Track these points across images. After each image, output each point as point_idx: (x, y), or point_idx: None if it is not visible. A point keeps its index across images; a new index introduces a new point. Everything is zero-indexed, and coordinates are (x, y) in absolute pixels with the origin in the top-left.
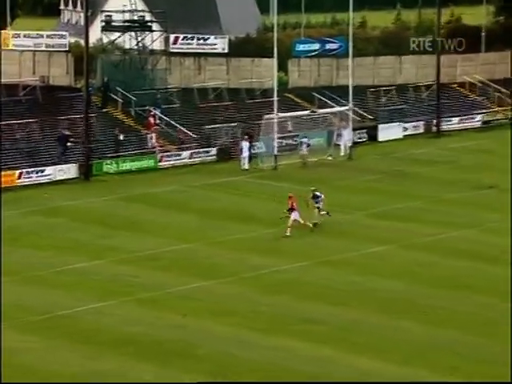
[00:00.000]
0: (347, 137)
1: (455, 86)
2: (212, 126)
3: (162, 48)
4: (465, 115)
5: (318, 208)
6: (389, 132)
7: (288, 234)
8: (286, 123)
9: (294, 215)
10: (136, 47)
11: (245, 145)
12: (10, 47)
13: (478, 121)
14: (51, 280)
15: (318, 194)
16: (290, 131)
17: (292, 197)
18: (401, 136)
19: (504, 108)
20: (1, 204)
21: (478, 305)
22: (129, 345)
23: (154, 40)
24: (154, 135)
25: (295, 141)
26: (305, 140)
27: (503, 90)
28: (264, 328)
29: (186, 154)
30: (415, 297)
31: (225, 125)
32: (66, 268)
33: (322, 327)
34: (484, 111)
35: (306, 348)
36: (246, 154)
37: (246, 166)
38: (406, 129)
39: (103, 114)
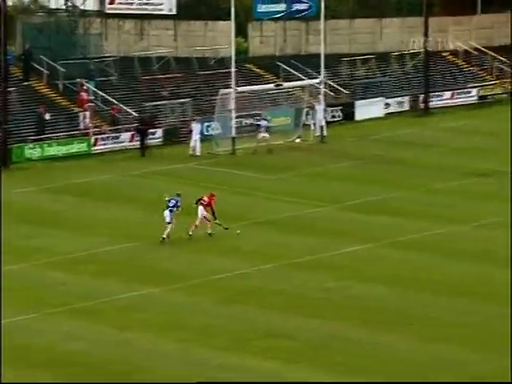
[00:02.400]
0: (319, 115)
1: (446, 54)
2: (157, 102)
3: (96, 8)
4: (457, 89)
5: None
6: (368, 109)
7: (209, 231)
8: (243, 99)
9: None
10: (64, 7)
11: (196, 125)
12: None
13: (472, 96)
14: None
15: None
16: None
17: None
18: (382, 114)
19: (503, 81)
20: None
21: (480, 315)
22: (66, 366)
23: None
24: (87, 114)
25: (257, 120)
26: (263, 123)
27: (503, 59)
28: (222, 345)
29: (125, 136)
30: (404, 306)
31: (172, 101)
32: None
33: (291, 343)
34: (480, 84)
35: (272, 368)
36: (197, 136)
37: (198, 151)
38: (388, 105)
39: (24, 87)
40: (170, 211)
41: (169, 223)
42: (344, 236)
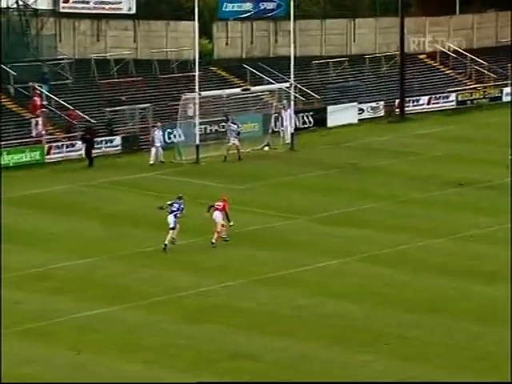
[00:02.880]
0: (288, 121)
1: (423, 57)
2: (115, 108)
3: (50, 7)
4: (435, 94)
5: None
6: (340, 115)
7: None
8: (208, 104)
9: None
10: (15, 6)
11: (157, 133)
12: None
13: (451, 101)
14: None
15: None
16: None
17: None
18: (355, 120)
19: (484, 85)
20: None
21: (461, 333)
22: None
23: None
24: (39, 120)
25: (223, 127)
26: (233, 127)
27: (483, 62)
28: (184, 366)
29: (80, 143)
30: (379, 324)
31: (132, 106)
32: None
33: (258, 365)
34: (459, 89)
35: None
36: (158, 143)
37: (160, 160)
38: (362, 111)
39: None
40: (175, 216)
41: (172, 228)
42: (314, 250)
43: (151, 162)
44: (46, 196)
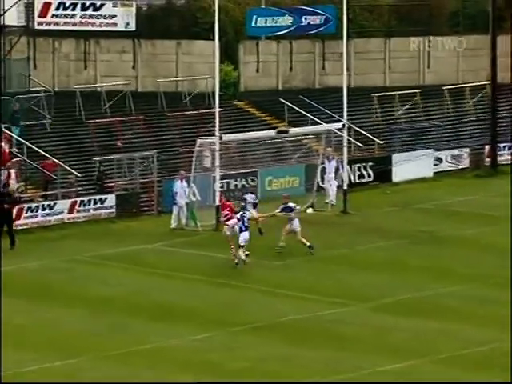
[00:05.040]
0: (340, 175)
1: None
2: (108, 156)
3: (22, 23)
4: None
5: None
6: (410, 167)
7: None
8: (231, 152)
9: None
10: None
11: (181, 185)
12: None
13: None
14: None
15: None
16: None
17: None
18: (431, 174)
19: None
20: None
21: None
22: None
23: (5, 10)
24: (12, 173)
25: (252, 181)
26: (250, 197)
27: None
28: None
29: (63, 204)
30: None
31: (130, 154)
32: None
33: None
34: None
35: None
36: (183, 201)
37: (184, 223)
38: (439, 161)
39: None
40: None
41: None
42: (373, 348)
43: (172, 226)
44: (14, 275)
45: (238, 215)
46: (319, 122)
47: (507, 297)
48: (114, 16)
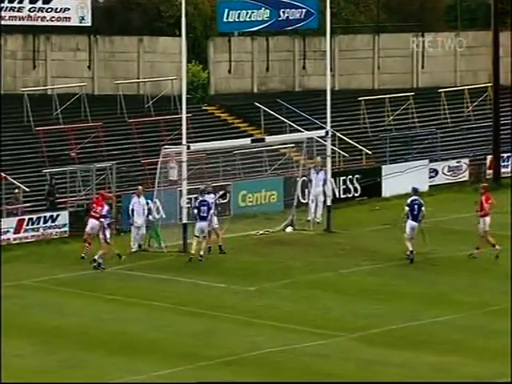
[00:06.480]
0: (322, 188)
1: None
2: (60, 168)
3: None
4: None
5: None
6: (402, 180)
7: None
8: (201, 162)
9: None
10: None
11: (137, 202)
12: None
13: None
14: None
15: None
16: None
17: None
18: (425, 187)
19: None
20: None
21: None
22: None
23: None
24: None
25: (224, 197)
26: (210, 197)
27: None
28: None
29: (7, 223)
30: None
31: (85, 166)
32: None
33: None
34: None
35: None
36: (140, 220)
37: (136, 247)
38: (435, 173)
39: None
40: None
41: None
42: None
43: (133, 250)
44: None
45: (196, 203)
46: (299, 129)
47: (507, 326)
48: (67, 9)
